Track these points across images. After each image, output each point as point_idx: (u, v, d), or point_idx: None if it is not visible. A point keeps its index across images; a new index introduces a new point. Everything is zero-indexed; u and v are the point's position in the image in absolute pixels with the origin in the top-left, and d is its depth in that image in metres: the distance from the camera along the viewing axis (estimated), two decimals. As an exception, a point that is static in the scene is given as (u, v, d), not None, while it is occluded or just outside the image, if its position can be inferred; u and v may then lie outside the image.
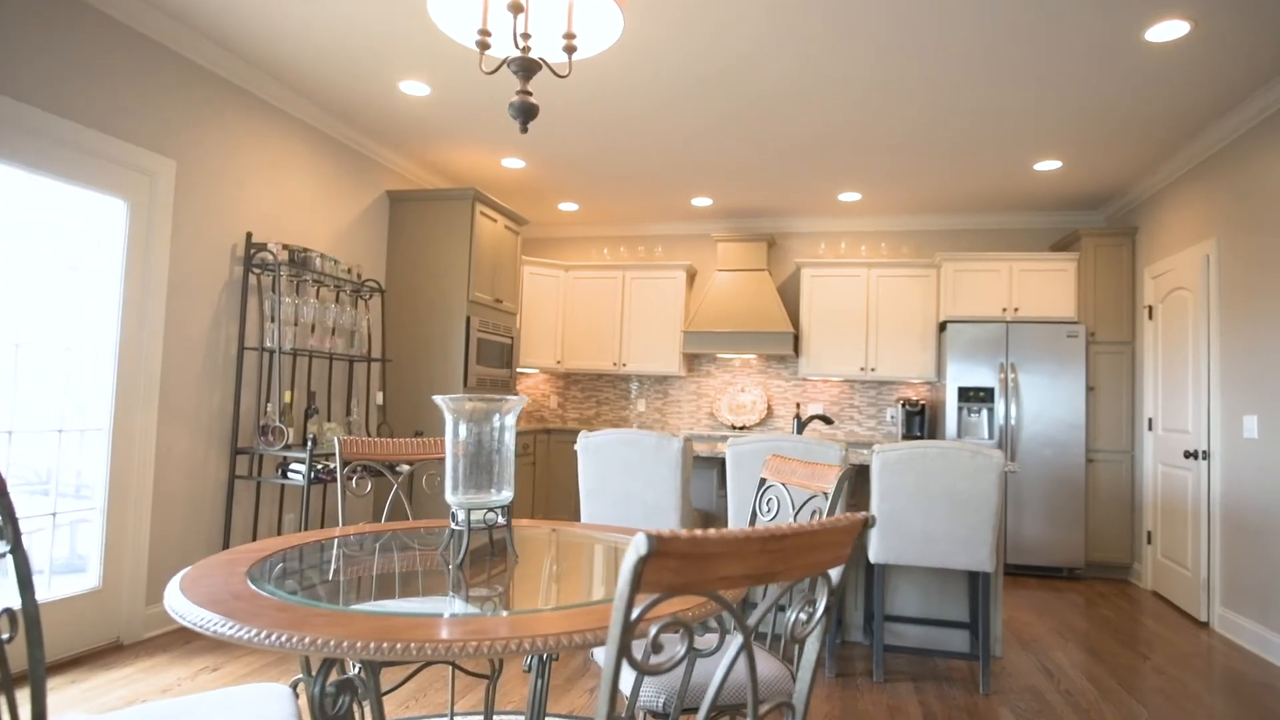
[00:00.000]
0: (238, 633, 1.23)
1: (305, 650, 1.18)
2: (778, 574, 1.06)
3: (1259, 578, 3.85)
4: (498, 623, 1.28)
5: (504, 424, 1.85)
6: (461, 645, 1.18)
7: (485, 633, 1.21)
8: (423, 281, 5.16)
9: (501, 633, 1.21)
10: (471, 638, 1.19)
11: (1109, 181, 5.38)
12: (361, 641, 1.17)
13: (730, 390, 6.93)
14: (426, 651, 1.17)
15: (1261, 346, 3.90)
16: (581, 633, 1.24)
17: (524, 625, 1.26)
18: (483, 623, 1.28)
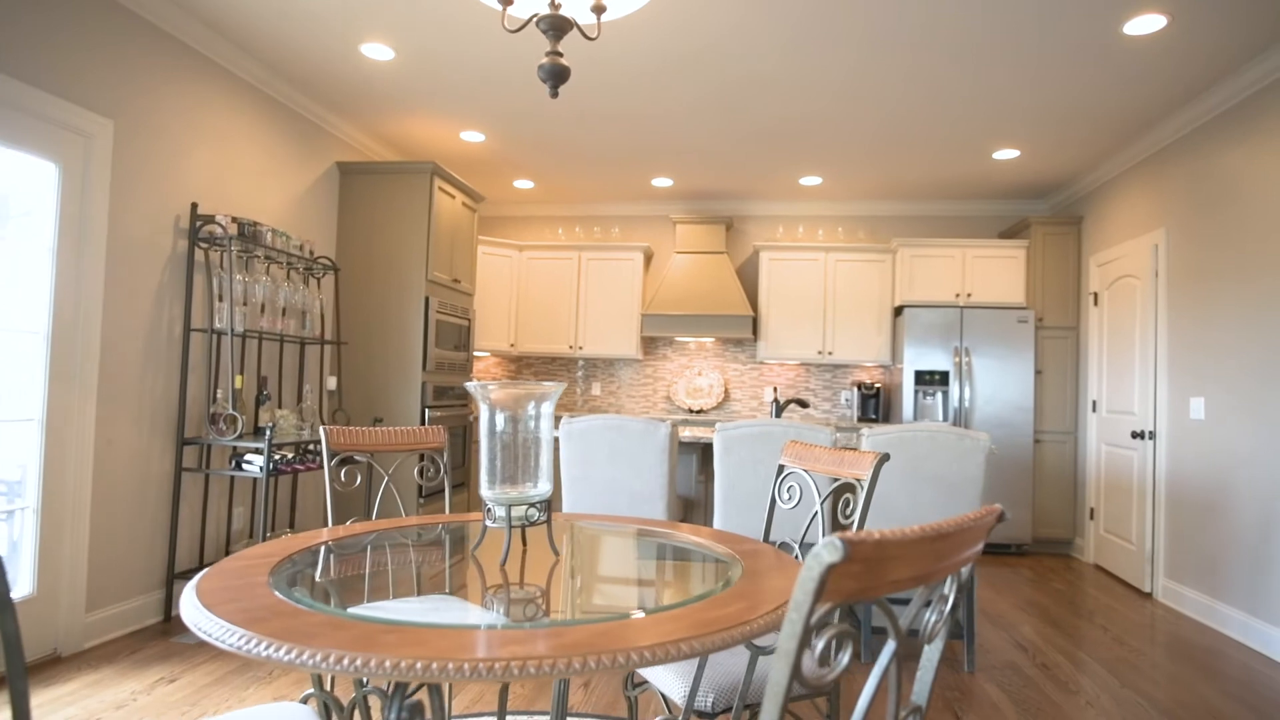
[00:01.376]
0: (297, 657, 1.07)
1: (387, 675, 1.03)
2: (934, 573, 0.99)
3: (1204, 550, 4.08)
4: (592, 634, 1.16)
5: (541, 412, 1.71)
6: (567, 663, 1.06)
7: (587, 647, 1.09)
8: (377, 260, 4.88)
9: (606, 645, 1.10)
10: (573, 654, 1.07)
11: (1061, 172, 5.57)
12: (454, 663, 1.04)
13: (687, 374, 6.88)
14: (530, 671, 1.05)
15: (1209, 332, 4.10)
16: (688, 640, 1.14)
17: (620, 635, 1.15)
18: (574, 634, 1.16)
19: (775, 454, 3.38)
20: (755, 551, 1.79)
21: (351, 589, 1.52)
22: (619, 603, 1.50)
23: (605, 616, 1.27)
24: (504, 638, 1.13)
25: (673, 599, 1.51)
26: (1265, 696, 3.06)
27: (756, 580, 1.49)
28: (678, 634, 1.15)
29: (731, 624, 1.22)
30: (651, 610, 1.28)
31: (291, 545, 1.73)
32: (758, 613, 1.27)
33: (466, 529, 2.06)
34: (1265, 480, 3.61)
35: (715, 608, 1.30)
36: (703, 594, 1.39)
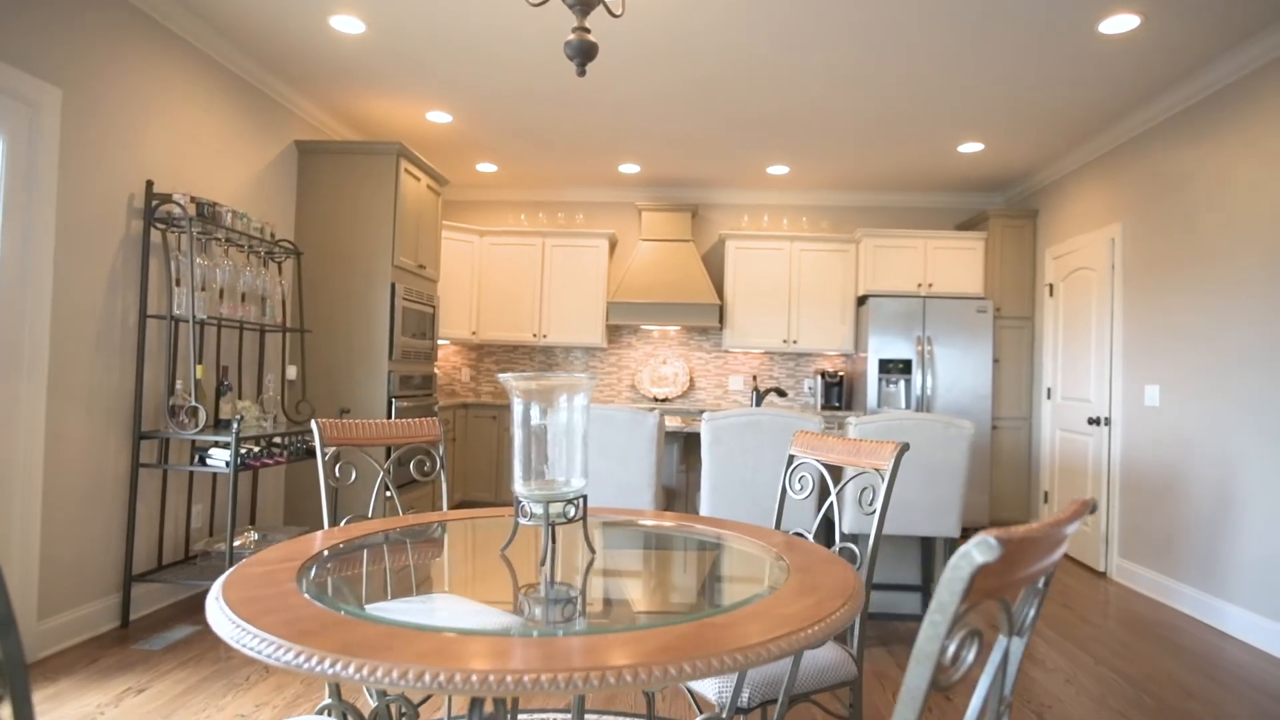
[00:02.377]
0: (371, 673, 0.99)
1: (475, 690, 0.96)
2: (1046, 567, 0.97)
3: (1158, 531, 4.28)
4: (678, 638, 1.11)
5: (577, 404, 1.65)
6: (663, 671, 1.01)
7: (677, 653, 1.05)
8: (340, 244, 4.67)
9: (698, 650, 1.05)
10: (667, 660, 1.02)
11: (1020, 166, 5.72)
12: (548, 675, 0.97)
13: (652, 362, 6.85)
14: (626, 680, 0.99)
15: (1163, 323, 4.28)
16: (779, 640, 1.10)
17: (709, 638, 1.10)
18: (657, 638, 1.11)
19: (764, 443, 3.38)
20: (789, 544, 1.76)
21: (386, 593, 1.44)
22: (682, 602, 1.46)
23: (682, 618, 1.21)
24: (587, 645, 1.07)
25: (738, 596, 1.48)
26: (1223, 668, 3.22)
27: (811, 575, 1.46)
28: (767, 633, 1.12)
29: (813, 619, 1.19)
30: (727, 609, 1.24)
31: (306, 547, 1.62)
32: (833, 607, 1.25)
33: (476, 525, 1.98)
34: (1218, 464, 3.80)
35: (786, 604, 1.27)
36: (763, 591, 1.36)
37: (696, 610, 1.43)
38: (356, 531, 1.81)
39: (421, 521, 1.97)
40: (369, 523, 1.92)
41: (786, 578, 1.44)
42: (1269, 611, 3.42)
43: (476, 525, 2.00)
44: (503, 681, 0.97)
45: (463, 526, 1.99)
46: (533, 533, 1.94)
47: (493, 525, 1.99)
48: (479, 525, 2.00)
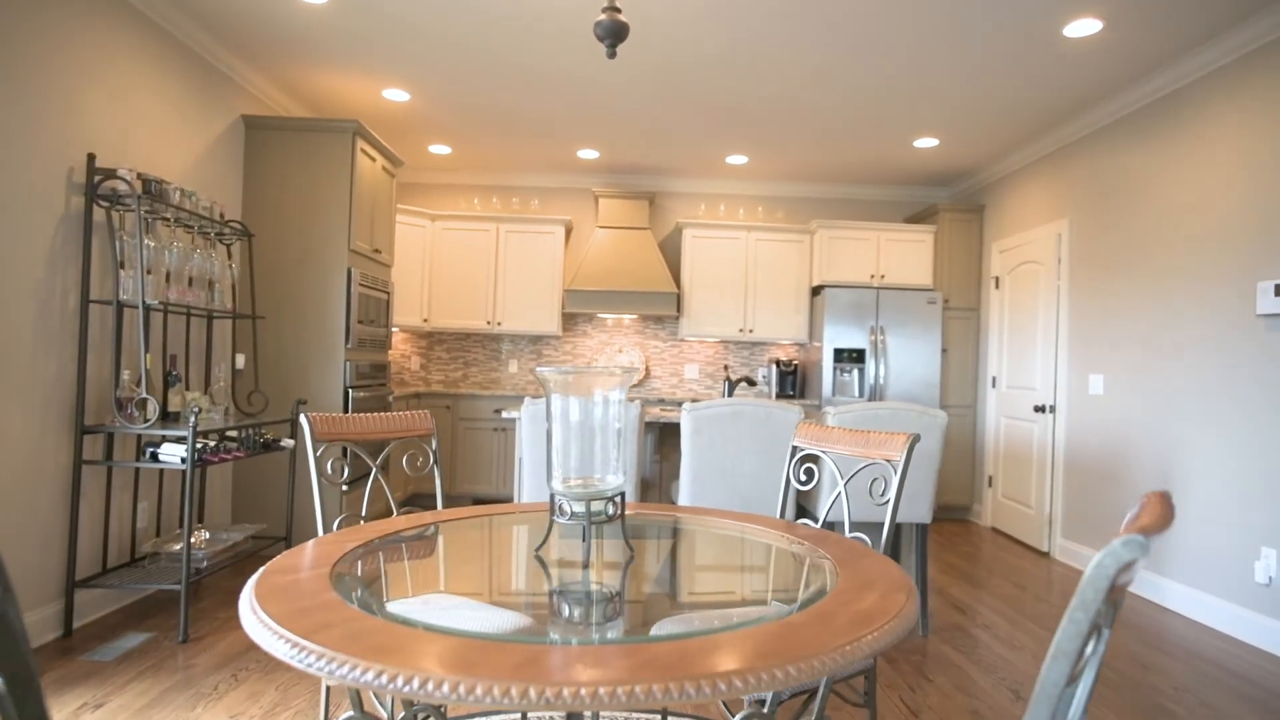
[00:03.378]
0: (483, 694, 0.92)
1: (586, 705, 0.91)
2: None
3: (1100, 512, 4.52)
4: (773, 638, 1.08)
5: (616, 398, 1.60)
6: (770, 676, 0.98)
7: (780, 656, 1.02)
8: (292, 226, 4.43)
9: (798, 652, 1.03)
10: (773, 665, 0.99)
11: (971, 161, 5.91)
12: (660, 685, 0.93)
13: (607, 351, 6.80)
14: (736, 686, 0.96)
15: (1108, 315, 4.51)
16: (865, 639, 1.09)
17: (799, 640, 1.08)
18: (750, 640, 1.08)
19: (744, 433, 3.40)
20: (821, 537, 1.76)
21: (434, 602, 1.36)
22: (743, 600, 1.44)
23: (759, 619, 1.19)
24: (681, 651, 1.03)
25: (791, 591, 1.47)
26: (1170, 640, 3.43)
27: (857, 568, 1.46)
28: (855, 631, 1.10)
29: (890, 614, 1.18)
30: (800, 606, 1.22)
31: (328, 552, 1.52)
32: (900, 600, 1.25)
33: (493, 524, 1.91)
34: (1159, 449, 4.03)
35: (855, 600, 1.26)
36: (825, 587, 1.34)
37: (759, 607, 1.40)
38: (370, 533, 1.71)
39: (438, 520, 1.88)
40: (377, 524, 1.81)
41: (836, 573, 1.44)
42: (1208, 587, 3.66)
43: (494, 523, 1.92)
44: (614, 694, 0.92)
45: (479, 525, 1.91)
46: (547, 529, 1.88)
47: (508, 523, 1.92)
48: (496, 523, 1.92)
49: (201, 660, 2.89)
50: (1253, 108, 3.53)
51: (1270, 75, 3.43)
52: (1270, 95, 3.43)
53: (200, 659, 2.90)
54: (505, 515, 1.98)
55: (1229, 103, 3.67)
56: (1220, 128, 3.71)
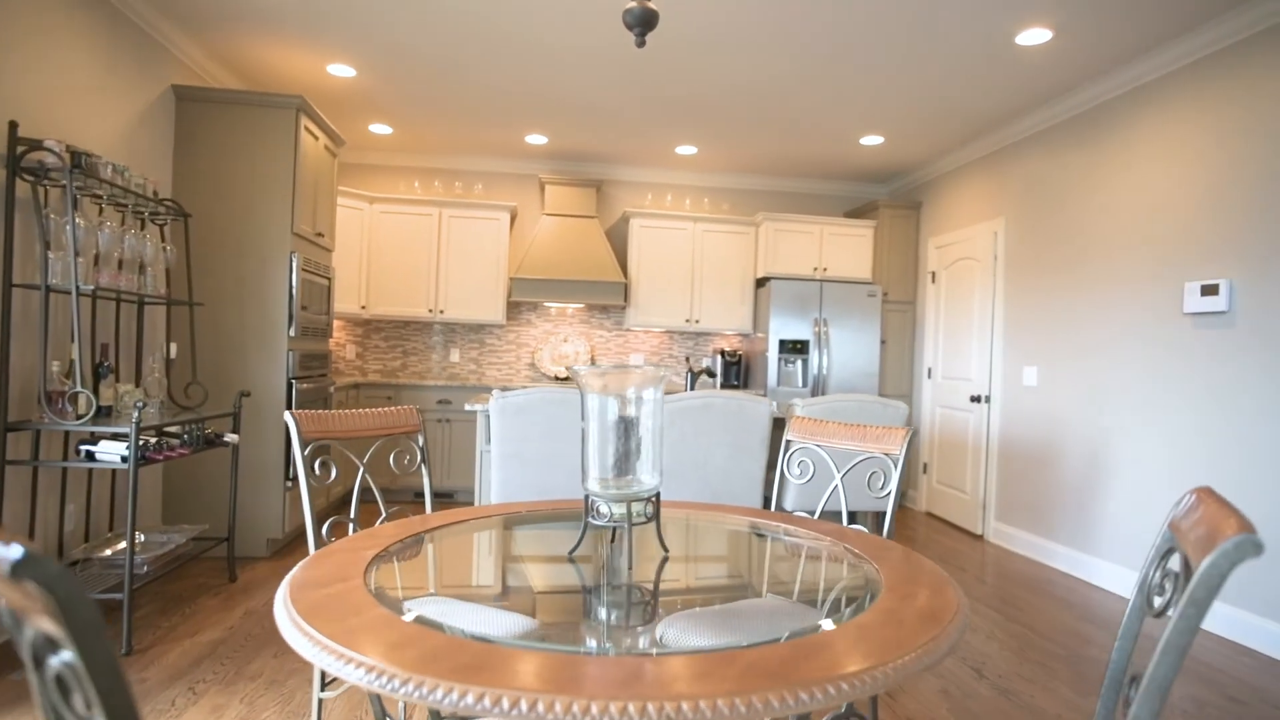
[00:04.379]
0: (587, 711, 0.89)
1: (723, 718, 0.89)
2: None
3: (1031, 497, 4.79)
4: (859, 639, 1.09)
5: (652, 396, 1.57)
6: (873, 679, 0.98)
7: (883, 656, 1.03)
8: (229, 207, 4.15)
9: (896, 651, 1.04)
10: (874, 667, 1.00)
11: (912, 159, 6.11)
12: (775, 695, 0.92)
13: (552, 340, 6.71)
14: (859, 688, 0.96)
15: (1043, 310, 4.77)
16: (940, 636, 1.11)
17: (889, 638, 1.09)
18: (840, 642, 1.08)
19: (715, 425, 3.42)
20: (840, 532, 1.79)
21: (485, 614, 1.30)
22: (796, 599, 1.43)
23: (832, 619, 1.19)
24: (789, 657, 1.02)
25: (841, 589, 1.48)
26: (1103, 615, 3.68)
27: (892, 564, 1.49)
28: (931, 629, 1.12)
29: (952, 611, 1.21)
30: (868, 607, 1.23)
31: (349, 561, 1.43)
32: (953, 596, 1.28)
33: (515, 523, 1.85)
34: (1090, 437, 4.31)
35: (912, 598, 1.28)
36: (873, 586, 1.36)
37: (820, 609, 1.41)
38: (384, 538, 1.62)
39: (445, 524, 1.80)
40: (386, 529, 1.73)
41: (877, 570, 1.46)
42: (1134, 564, 3.94)
43: (510, 524, 1.86)
44: (733, 706, 0.90)
45: (494, 528, 1.84)
46: (581, 531, 1.84)
47: (522, 524, 1.87)
48: (510, 524, 1.86)
49: (153, 674, 2.69)
50: (1176, 120, 3.78)
51: (1190, 93, 3.69)
52: (1189, 112, 3.68)
53: (150, 672, 2.70)
54: (513, 516, 1.92)
55: (1156, 114, 3.92)
56: (1148, 138, 3.97)
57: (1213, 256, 3.56)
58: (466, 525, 1.81)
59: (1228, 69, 3.54)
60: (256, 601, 3.49)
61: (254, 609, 3.39)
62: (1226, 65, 3.55)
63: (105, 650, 0.62)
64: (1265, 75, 3.36)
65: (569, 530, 1.80)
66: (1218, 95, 3.59)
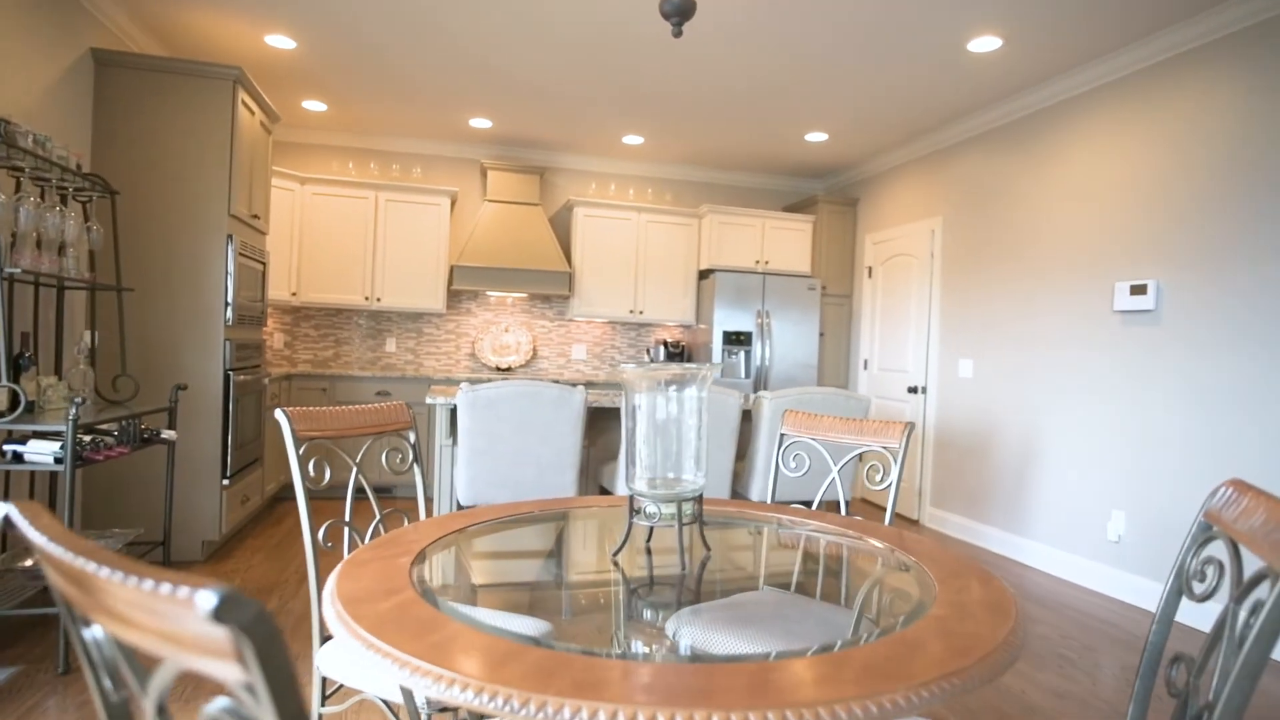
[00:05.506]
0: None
1: (844, 723, 0.89)
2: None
3: (965, 483, 5.05)
4: (944, 641, 1.11)
5: (697, 395, 1.55)
6: (965, 681, 1.01)
7: (973, 656, 1.05)
8: (159, 185, 3.83)
9: (984, 652, 1.06)
10: (970, 667, 1.02)
11: (852, 156, 6.28)
12: (888, 698, 0.93)
13: (493, 330, 6.56)
14: (956, 687, 0.98)
15: (977, 306, 5.02)
16: (1013, 636, 1.15)
17: (973, 635, 1.12)
18: (932, 644, 1.10)
19: (691, 418, 3.42)
20: (869, 529, 1.83)
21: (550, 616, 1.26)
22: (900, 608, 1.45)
23: (906, 619, 1.21)
24: (890, 657, 1.03)
25: (898, 589, 1.51)
26: (1039, 594, 3.93)
27: (939, 561, 1.53)
28: (1002, 627, 1.16)
29: (1010, 605, 1.25)
30: (909, 615, 1.26)
31: (386, 567, 1.35)
32: (1007, 594, 1.33)
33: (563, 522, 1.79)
34: (1023, 428, 4.57)
35: (966, 594, 1.32)
36: (924, 587, 1.40)
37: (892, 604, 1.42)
38: (409, 542, 1.54)
39: (472, 523, 1.72)
40: (404, 532, 1.64)
41: (922, 568, 1.50)
42: (1066, 545, 4.22)
43: (537, 522, 1.80)
44: (867, 710, 0.90)
45: (525, 527, 1.78)
46: (597, 527, 1.80)
47: (546, 523, 1.82)
48: (537, 523, 1.80)
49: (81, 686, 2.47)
50: (1109, 130, 4.04)
51: (1123, 105, 3.95)
52: (1121, 123, 3.95)
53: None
54: (524, 516, 1.86)
55: (1090, 123, 4.18)
56: (1083, 145, 4.22)
57: (1142, 258, 3.83)
58: (487, 526, 1.74)
59: (1157, 85, 3.81)
60: (200, 609, 3.26)
61: (199, 617, 3.16)
62: (1156, 81, 3.81)
63: (297, 698, 0.56)
64: (1190, 93, 3.63)
65: (588, 528, 1.76)
66: (1147, 108, 3.85)
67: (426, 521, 1.70)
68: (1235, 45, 3.43)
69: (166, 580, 0.55)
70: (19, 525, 0.74)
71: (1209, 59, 3.55)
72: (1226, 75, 3.47)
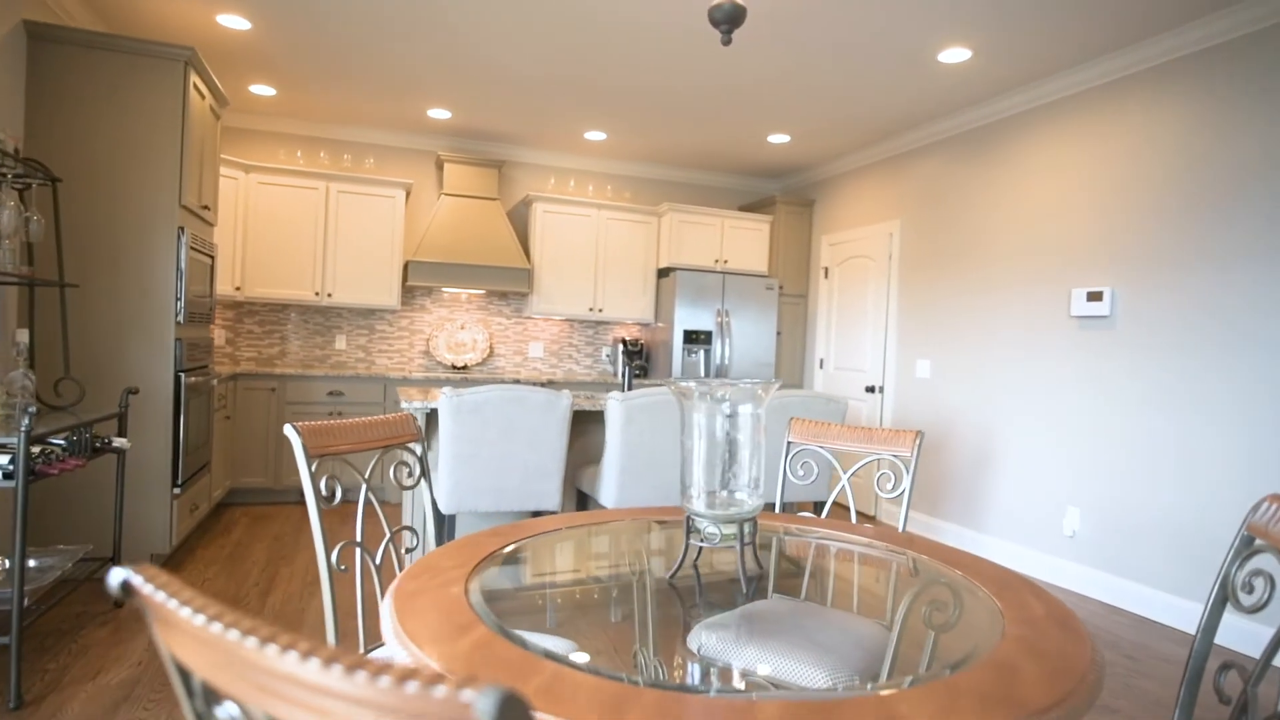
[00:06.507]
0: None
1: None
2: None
3: (923, 480, 5.21)
4: (1023, 661, 1.12)
5: (750, 411, 1.52)
6: (1083, 693, 1.02)
7: (1074, 682, 1.06)
8: (98, 173, 3.55)
9: (1069, 680, 1.08)
10: (1065, 696, 1.03)
11: (811, 158, 6.36)
12: (1035, 727, 0.93)
13: (448, 327, 6.38)
14: (1074, 711, 0.98)
15: (934, 308, 5.17)
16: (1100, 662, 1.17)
17: (1065, 654, 1.13)
18: (1006, 663, 1.10)
19: (674, 421, 3.40)
20: (908, 539, 1.84)
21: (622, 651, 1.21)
22: (934, 624, 1.45)
23: (982, 649, 1.22)
24: (977, 684, 1.03)
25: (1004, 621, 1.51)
26: (1003, 588, 4.08)
27: (989, 570, 1.56)
28: (1083, 639, 1.18)
29: (1084, 633, 1.28)
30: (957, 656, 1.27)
31: (438, 597, 1.28)
32: (1074, 618, 1.35)
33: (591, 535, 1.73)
34: (980, 427, 4.74)
35: (1030, 607, 1.34)
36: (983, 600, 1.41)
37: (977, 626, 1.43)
38: (452, 564, 1.46)
39: (519, 539, 1.65)
40: (443, 555, 1.56)
41: (963, 576, 1.52)
42: (1023, 540, 4.40)
43: (592, 534, 1.74)
44: (1005, 746, 0.90)
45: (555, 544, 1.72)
46: (631, 533, 1.75)
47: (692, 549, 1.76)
48: (567, 538, 1.74)
49: (61, 727, 2.28)
50: (1068, 141, 4.22)
51: (1078, 117, 4.13)
52: (1075, 135, 4.13)
53: (59, 726, 2.29)
54: (555, 533, 1.80)
55: (1051, 134, 4.35)
56: (1042, 155, 4.40)
57: (1098, 266, 4.02)
58: (518, 545, 1.68)
59: (1114, 100, 3.99)
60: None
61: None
62: (1113, 97, 3.99)
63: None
64: (1144, 110, 3.82)
65: (620, 542, 1.72)
66: (1104, 122, 4.03)
67: (453, 545, 1.61)
68: (1187, 67, 3.63)
69: (402, 675, 0.49)
70: (144, 592, 0.66)
71: (1162, 79, 3.74)
72: (1178, 95, 3.66)
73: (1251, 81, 3.37)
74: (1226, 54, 3.47)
